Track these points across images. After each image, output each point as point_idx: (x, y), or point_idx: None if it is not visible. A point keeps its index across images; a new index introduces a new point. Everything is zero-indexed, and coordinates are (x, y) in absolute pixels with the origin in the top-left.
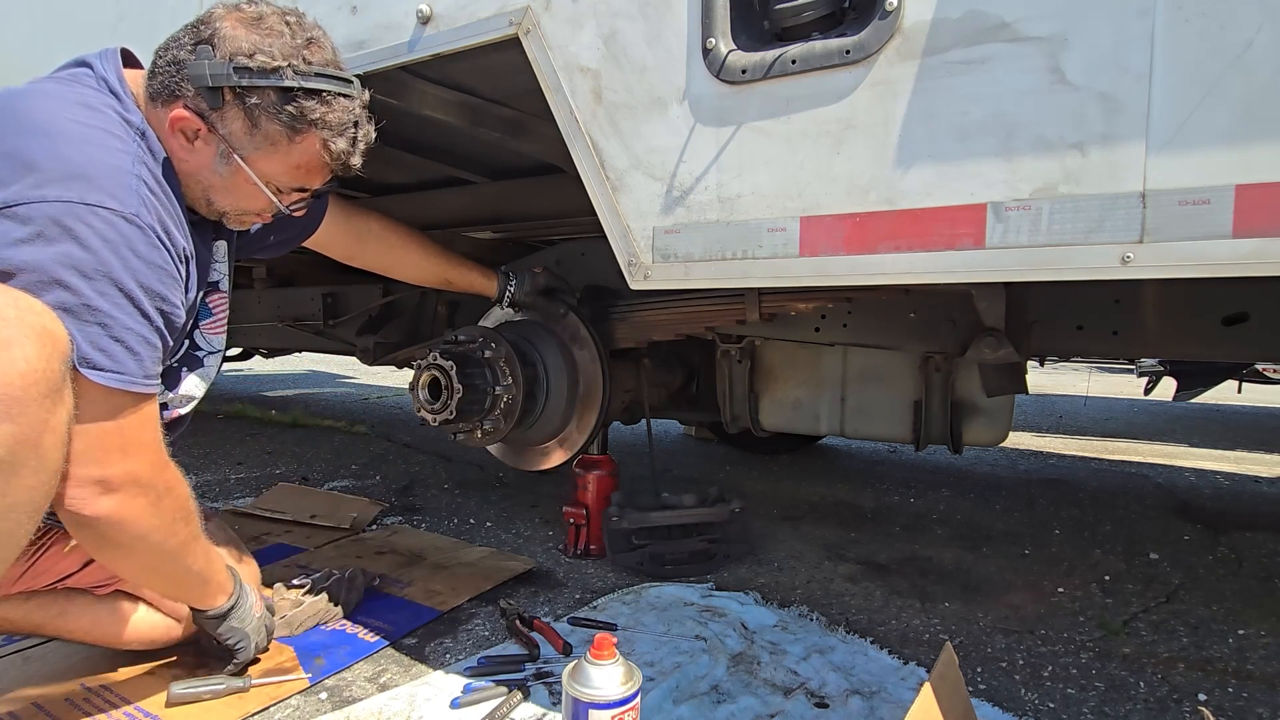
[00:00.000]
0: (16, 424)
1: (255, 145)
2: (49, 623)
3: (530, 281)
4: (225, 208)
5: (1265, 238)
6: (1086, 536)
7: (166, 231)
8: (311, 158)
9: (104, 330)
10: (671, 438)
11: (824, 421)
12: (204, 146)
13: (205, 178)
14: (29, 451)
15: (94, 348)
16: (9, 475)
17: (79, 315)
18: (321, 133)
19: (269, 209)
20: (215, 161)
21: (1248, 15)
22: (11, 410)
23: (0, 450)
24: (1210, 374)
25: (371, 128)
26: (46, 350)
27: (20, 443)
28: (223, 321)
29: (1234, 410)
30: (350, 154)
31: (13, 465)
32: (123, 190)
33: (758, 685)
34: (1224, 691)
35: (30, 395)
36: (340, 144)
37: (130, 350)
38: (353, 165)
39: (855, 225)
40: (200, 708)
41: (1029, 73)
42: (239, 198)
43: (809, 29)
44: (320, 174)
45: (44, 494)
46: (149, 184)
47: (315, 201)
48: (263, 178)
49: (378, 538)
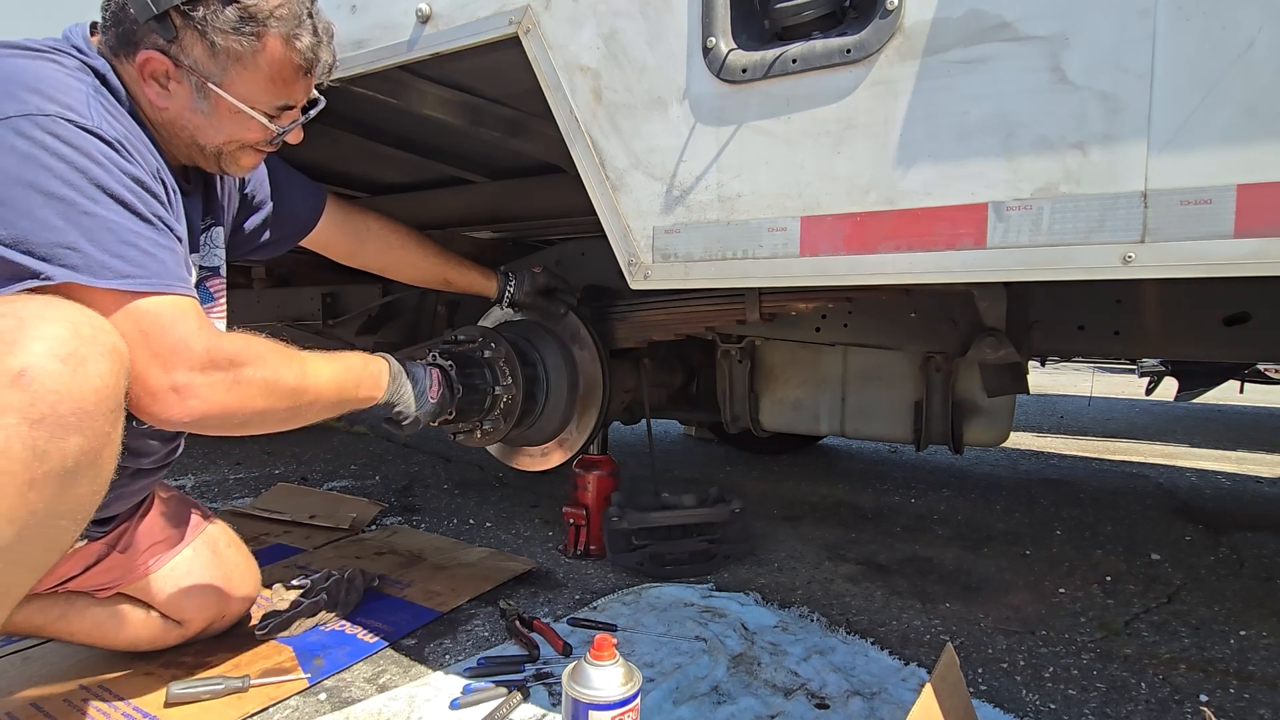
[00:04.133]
0: (84, 436)
1: (223, 67)
2: (50, 625)
3: (530, 281)
4: (218, 144)
5: (1267, 238)
6: (1087, 537)
7: (134, 149)
8: (282, 63)
9: (114, 236)
10: (671, 438)
11: (824, 422)
12: (178, 87)
13: (189, 120)
14: (90, 463)
15: (111, 255)
16: (69, 485)
17: (83, 226)
18: (279, 29)
19: (263, 134)
20: (194, 99)
21: (1248, 15)
22: (83, 424)
23: (68, 461)
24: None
25: (330, 22)
26: (116, 368)
27: (85, 454)
28: (223, 307)
29: (1235, 410)
30: (319, 47)
31: (74, 475)
32: (80, 105)
33: (758, 686)
34: (1225, 692)
35: (100, 410)
36: (305, 38)
37: (147, 253)
38: (323, 60)
39: (856, 225)
40: (199, 708)
41: (1030, 72)
42: (229, 129)
43: (809, 28)
44: (298, 82)
45: (93, 504)
46: (107, 108)
47: (313, 200)
48: (244, 100)
49: (377, 538)
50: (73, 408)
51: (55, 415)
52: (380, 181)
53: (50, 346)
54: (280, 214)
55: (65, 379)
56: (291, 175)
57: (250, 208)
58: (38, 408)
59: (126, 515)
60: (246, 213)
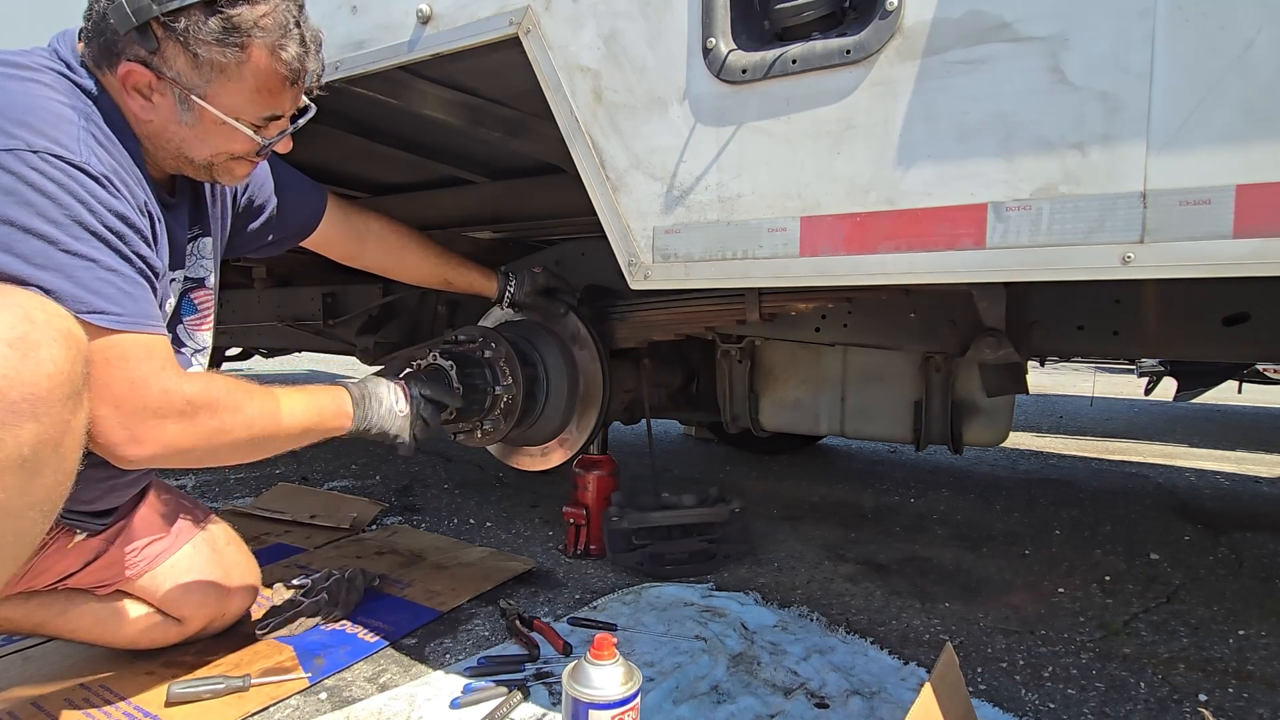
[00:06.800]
0: (41, 424)
1: (207, 79)
2: (49, 622)
3: (530, 281)
4: (206, 158)
5: (1266, 238)
6: (1087, 537)
7: (121, 181)
8: (268, 75)
9: (91, 273)
10: (671, 438)
11: (824, 422)
12: (162, 99)
13: (174, 132)
14: (50, 452)
15: (87, 291)
16: (31, 475)
17: (60, 262)
18: (264, 39)
19: (250, 146)
20: (178, 111)
21: (1248, 15)
22: (38, 410)
23: (25, 449)
24: (1211, 374)
25: (319, 30)
26: (71, 353)
27: (44, 442)
28: (208, 319)
29: (1234, 410)
30: (305, 57)
31: (36, 465)
32: (69, 139)
33: (758, 685)
34: (1224, 692)
35: (55, 396)
36: (291, 48)
37: (122, 291)
38: (310, 70)
39: (855, 225)
40: (199, 707)
41: (1029, 73)
42: (215, 142)
43: (809, 29)
44: (285, 93)
45: (60, 494)
46: (98, 137)
47: (315, 201)
48: (229, 112)
49: (377, 538)
50: (24, 394)
51: (5, 402)
52: (381, 181)
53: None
54: (282, 215)
55: (14, 363)
56: (293, 176)
57: (252, 209)
58: None
59: (127, 509)
60: (248, 215)
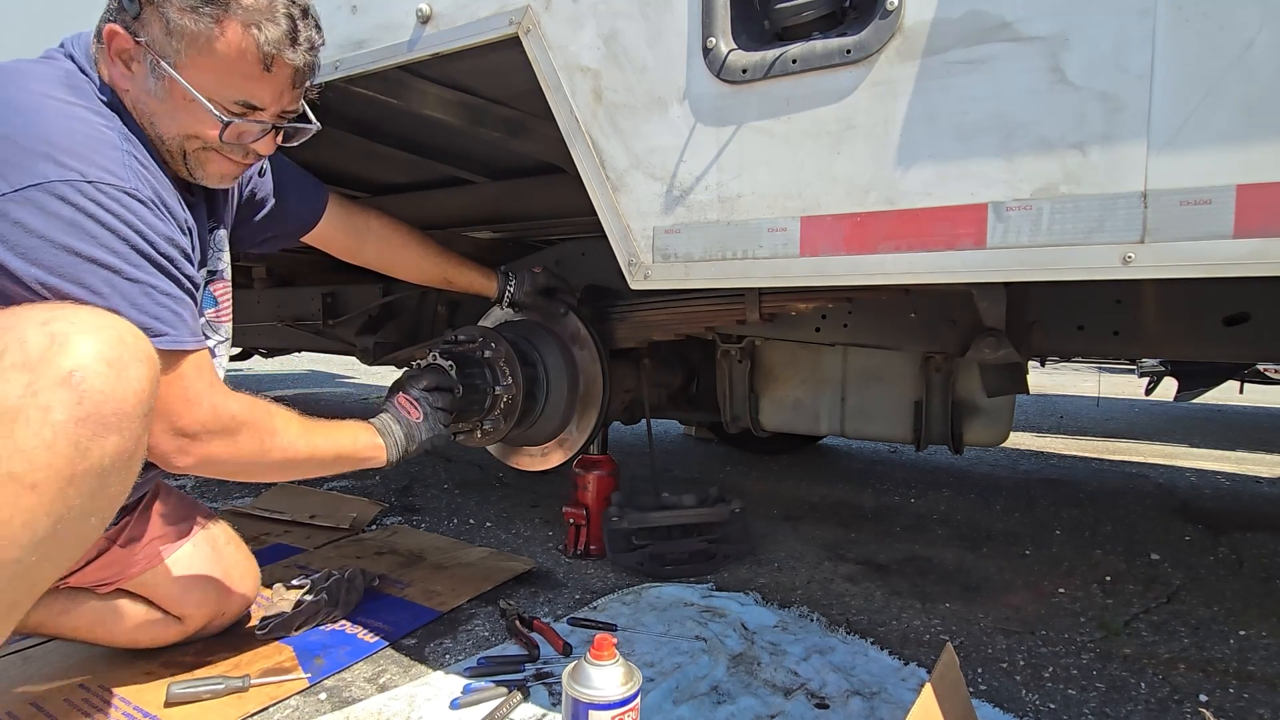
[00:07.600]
0: (123, 437)
1: (178, 49)
2: (50, 621)
3: (530, 281)
4: (175, 136)
5: (1266, 238)
6: (1087, 537)
7: (164, 203)
8: (240, 55)
9: (151, 299)
10: (671, 438)
11: (824, 422)
12: (139, 68)
13: (146, 104)
14: (124, 463)
15: (149, 316)
16: (104, 484)
17: (124, 291)
18: (242, 15)
19: (214, 127)
20: (149, 80)
21: (1248, 15)
22: (123, 425)
23: (106, 460)
24: (1211, 374)
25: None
26: (151, 373)
27: (121, 454)
28: (228, 310)
29: (1235, 410)
30: (286, 45)
31: (109, 474)
32: (116, 165)
33: (758, 686)
34: (1225, 692)
35: (137, 413)
36: (270, 30)
37: (175, 314)
38: (292, 62)
39: (855, 225)
40: (199, 707)
41: (1029, 72)
42: (183, 119)
43: (809, 28)
44: (262, 81)
45: (119, 503)
46: (138, 158)
47: (316, 198)
48: (198, 89)
49: (377, 538)
50: (115, 409)
51: (99, 415)
52: (381, 181)
53: (98, 350)
54: (283, 210)
55: (110, 381)
56: (295, 172)
57: (255, 202)
58: (84, 406)
59: (131, 508)
60: (251, 207)
